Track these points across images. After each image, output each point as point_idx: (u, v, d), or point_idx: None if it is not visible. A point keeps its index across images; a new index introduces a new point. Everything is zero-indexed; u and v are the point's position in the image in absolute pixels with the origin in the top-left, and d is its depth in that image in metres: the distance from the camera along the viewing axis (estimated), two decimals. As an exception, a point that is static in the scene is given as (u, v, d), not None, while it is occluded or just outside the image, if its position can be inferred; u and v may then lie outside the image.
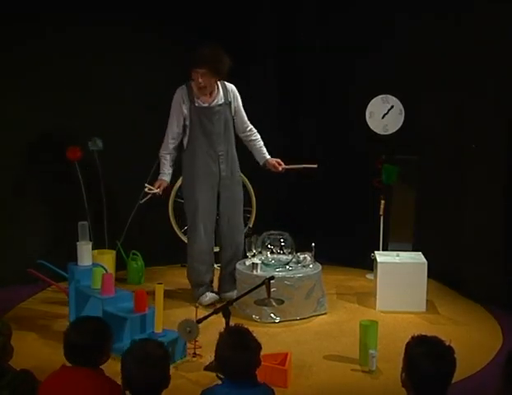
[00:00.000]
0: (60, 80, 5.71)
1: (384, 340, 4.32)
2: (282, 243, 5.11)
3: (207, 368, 3.96)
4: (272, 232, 5.20)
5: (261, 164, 5.36)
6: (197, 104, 5.06)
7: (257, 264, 4.94)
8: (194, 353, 4.14)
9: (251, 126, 5.31)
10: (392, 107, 5.74)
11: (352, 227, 6.47)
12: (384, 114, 5.76)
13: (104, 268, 4.61)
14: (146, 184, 5.08)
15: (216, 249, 5.39)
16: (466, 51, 5.33)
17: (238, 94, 5.22)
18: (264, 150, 5.33)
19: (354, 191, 6.40)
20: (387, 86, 5.81)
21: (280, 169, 5.27)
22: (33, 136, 5.65)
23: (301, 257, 5.11)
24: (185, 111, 5.06)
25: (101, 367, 2.91)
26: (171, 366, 3.91)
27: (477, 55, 5.23)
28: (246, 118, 5.28)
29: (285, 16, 6.70)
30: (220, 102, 5.11)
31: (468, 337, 4.57)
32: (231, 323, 3.55)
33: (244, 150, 5.34)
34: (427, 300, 5.11)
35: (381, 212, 5.85)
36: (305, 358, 4.20)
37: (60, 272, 5.08)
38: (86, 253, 4.74)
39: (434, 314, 5.04)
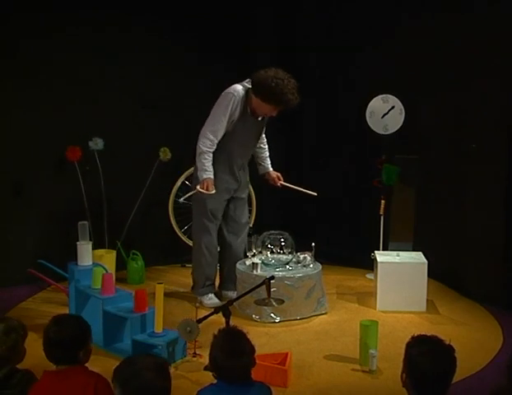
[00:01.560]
0: (60, 80, 5.71)
1: (384, 340, 4.32)
2: (282, 243, 5.10)
3: (206, 368, 3.93)
4: (272, 232, 5.19)
5: (260, 173, 5.41)
6: (250, 114, 4.91)
7: (257, 264, 4.94)
8: (194, 353, 4.14)
9: (264, 137, 5.33)
10: (393, 107, 5.73)
11: (352, 227, 6.47)
12: (383, 114, 5.75)
13: (105, 268, 4.60)
14: (198, 188, 4.83)
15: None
16: (466, 51, 5.33)
17: None
18: (269, 161, 5.37)
19: (354, 191, 6.41)
20: (387, 86, 5.81)
21: (278, 184, 5.34)
22: (33, 136, 5.63)
23: (301, 256, 5.10)
24: (237, 116, 4.86)
25: (99, 368, 2.91)
26: (171, 366, 3.95)
27: (478, 55, 5.22)
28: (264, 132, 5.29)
29: (285, 16, 6.70)
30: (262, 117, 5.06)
31: (469, 337, 4.56)
32: (231, 323, 3.55)
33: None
34: (427, 300, 5.11)
35: (381, 212, 5.84)
36: (305, 358, 4.19)
37: (60, 272, 5.07)
38: (86, 252, 4.73)
39: (434, 314, 5.03)
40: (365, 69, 6.21)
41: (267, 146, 5.35)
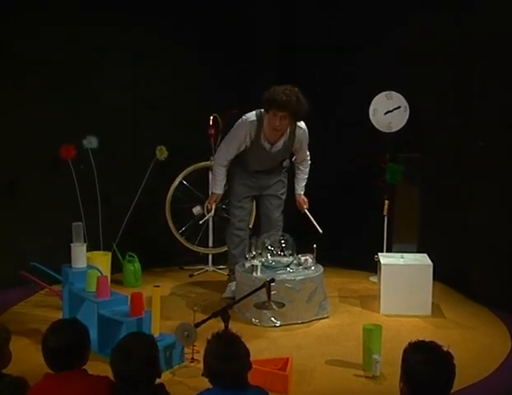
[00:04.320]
0: (54, 77, 5.71)
1: (388, 344, 4.30)
2: (283, 245, 5.10)
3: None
4: (273, 233, 5.20)
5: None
6: (261, 143, 5.11)
7: (256, 266, 4.93)
8: (192, 358, 4.13)
9: (309, 159, 5.44)
10: (398, 107, 5.73)
11: (355, 228, 6.46)
12: (387, 111, 5.75)
13: (99, 271, 4.60)
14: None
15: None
16: (471, 48, 5.35)
17: (307, 133, 5.24)
18: (301, 184, 5.51)
19: (357, 191, 6.40)
20: (389, 86, 5.82)
21: (304, 208, 5.47)
22: (26, 134, 5.63)
23: (302, 258, 5.10)
24: (248, 144, 5.12)
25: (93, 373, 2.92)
26: (168, 372, 3.95)
27: (482, 53, 5.24)
28: (307, 153, 5.40)
29: (285, 16, 6.76)
30: (280, 146, 5.17)
31: (475, 342, 4.56)
32: (230, 327, 3.55)
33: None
34: (433, 303, 5.11)
35: (385, 212, 5.85)
36: (307, 363, 4.19)
37: (53, 275, 5.06)
38: (80, 254, 4.72)
39: (439, 318, 5.04)
40: (366, 69, 6.24)
41: (306, 170, 5.49)
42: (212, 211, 5.37)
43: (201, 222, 5.52)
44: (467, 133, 5.45)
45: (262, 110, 5.07)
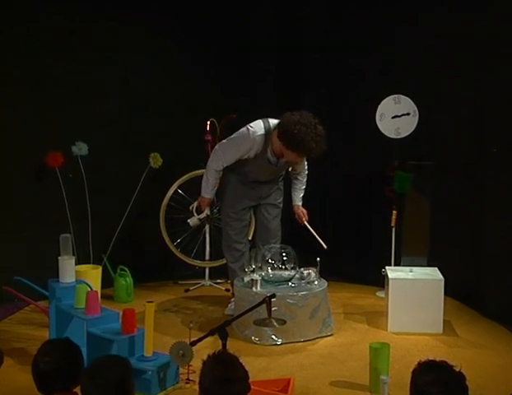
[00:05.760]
0: (41, 80, 5.73)
1: (396, 364, 4.29)
2: (284, 258, 5.08)
3: (201, 396, 3.92)
4: (273, 245, 5.19)
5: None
6: (267, 155, 5.07)
7: (256, 280, 4.92)
8: (188, 379, 4.11)
9: (306, 170, 5.45)
10: (408, 114, 5.72)
11: (361, 240, 6.46)
12: (394, 115, 5.74)
13: (89, 285, 4.58)
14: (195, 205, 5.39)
15: None
16: (483, 50, 5.36)
17: None
18: (299, 194, 5.50)
19: (363, 200, 6.40)
20: (394, 85, 5.85)
21: (303, 220, 5.45)
22: (11, 139, 5.63)
23: (305, 272, 5.09)
24: (252, 155, 5.07)
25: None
26: (162, 393, 3.92)
27: (496, 54, 5.25)
28: (305, 163, 5.40)
29: (285, 16, 6.84)
30: (284, 160, 5.15)
31: (490, 362, 4.53)
32: (228, 346, 3.53)
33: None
34: (444, 321, 5.09)
35: (393, 224, 5.84)
36: (310, 384, 4.16)
37: (39, 290, 5.04)
38: (68, 268, 4.70)
39: (451, 336, 5.01)
40: (368, 70, 6.29)
41: (304, 180, 5.49)
42: (205, 214, 5.37)
43: (194, 226, 5.48)
44: (484, 138, 5.44)
45: (270, 123, 5.02)
